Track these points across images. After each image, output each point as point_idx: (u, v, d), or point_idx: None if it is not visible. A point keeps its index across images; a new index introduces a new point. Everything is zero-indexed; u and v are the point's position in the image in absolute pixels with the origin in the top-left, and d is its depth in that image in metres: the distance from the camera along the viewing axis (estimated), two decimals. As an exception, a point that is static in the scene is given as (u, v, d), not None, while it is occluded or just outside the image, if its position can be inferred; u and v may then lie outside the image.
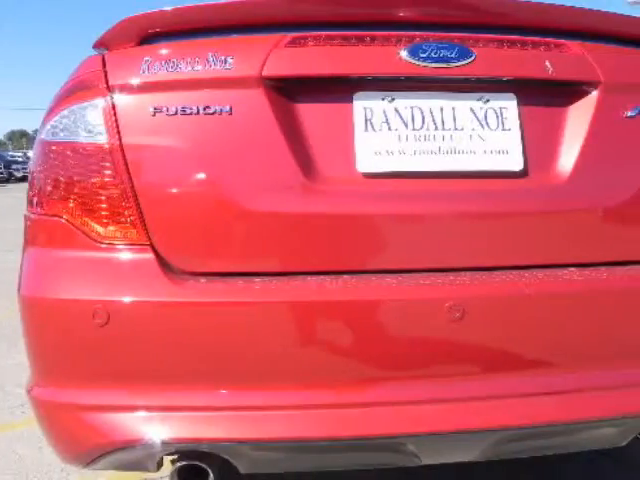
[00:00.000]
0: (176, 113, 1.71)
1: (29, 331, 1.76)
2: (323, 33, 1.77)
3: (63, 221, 1.73)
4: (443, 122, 1.78)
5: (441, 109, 1.79)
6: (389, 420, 1.69)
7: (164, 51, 1.76)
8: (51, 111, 1.79)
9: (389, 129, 1.77)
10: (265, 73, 1.73)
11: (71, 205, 1.73)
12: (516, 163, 1.79)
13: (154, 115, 1.71)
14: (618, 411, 1.78)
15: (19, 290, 1.77)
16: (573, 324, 1.76)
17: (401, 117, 1.78)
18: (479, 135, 1.79)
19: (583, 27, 1.92)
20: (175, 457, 1.74)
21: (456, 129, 1.78)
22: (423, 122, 1.78)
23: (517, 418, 1.73)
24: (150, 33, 1.80)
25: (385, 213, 1.74)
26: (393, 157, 1.75)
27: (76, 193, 1.73)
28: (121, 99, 1.73)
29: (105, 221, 1.72)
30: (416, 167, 1.76)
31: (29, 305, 1.75)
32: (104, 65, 1.77)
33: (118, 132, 1.72)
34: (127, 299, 1.67)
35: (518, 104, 1.82)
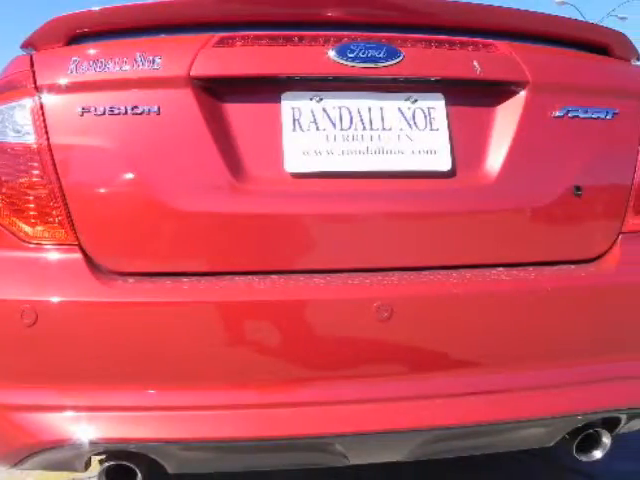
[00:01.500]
0: (104, 113, 1.71)
1: None
2: (251, 33, 1.77)
3: None
4: (371, 122, 1.79)
5: (369, 109, 1.79)
6: (317, 420, 1.69)
7: (92, 51, 1.76)
8: (-21, 111, 1.78)
9: (317, 129, 1.77)
10: (193, 73, 1.73)
11: None
12: (444, 163, 1.79)
13: (82, 115, 1.71)
14: (546, 411, 1.78)
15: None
16: (501, 324, 1.77)
17: (329, 117, 1.78)
18: (407, 135, 1.79)
19: (511, 27, 1.93)
20: (103, 457, 1.73)
21: (384, 129, 1.79)
22: (351, 122, 1.78)
23: (445, 418, 1.73)
24: (78, 33, 1.80)
25: (313, 213, 1.75)
26: (321, 157, 1.76)
27: (4, 193, 1.72)
28: (49, 99, 1.73)
29: (33, 221, 1.71)
30: (344, 167, 1.76)
31: None
32: (32, 65, 1.77)
33: (46, 132, 1.71)
34: (55, 299, 1.66)
35: (446, 104, 1.83)
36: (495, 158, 1.82)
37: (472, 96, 1.86)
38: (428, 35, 1.83)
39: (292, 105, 1.78)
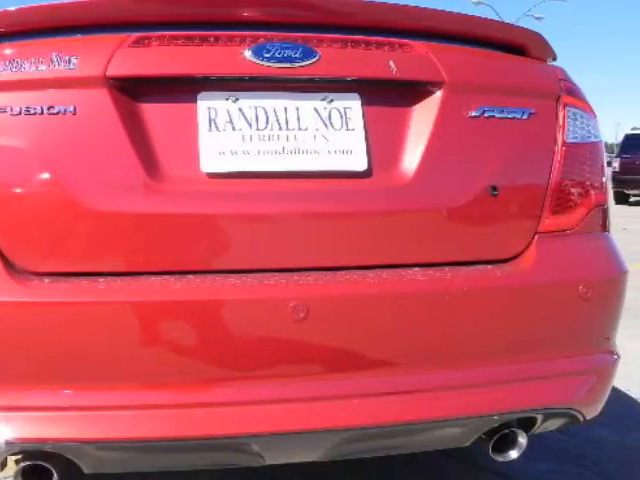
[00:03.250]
0: (20, 113, 1.70)
1: None
2: (167, 33, 1.77)
3: None
4: (287, 122, 1.79)
5: (285, 109, 1.79)
6: (233, 420, 1.69)
7: (8, 51, 1.75)
8: None
9: (233, 129, 1.77)
10: (109, 73, 1.72)
11: None
12: (360, 163, 1.79)
13: None
14: (462, 411, 1.79)
15: None
16: (417, 324, 1.78)
17: (245, 117, 1.78)
18: (323, 135, 1.79)
19: (427, 27, 1.93)
20: (20, 457, 1.73)
21: (300, 129, 1.79)
22: (267, 122, 1.78)
23: (361, 418, 1.74)
24: None
25: (228, 213, 1.75)
26: (237, 157, 1.75)
27: None
28: None
29: None
30: (260, 167, 1.76)
31: None
32: None
33: None
34: None
35: (362, 104, 1.83)
36: (411, 158, 1.82)
37: (388, 96, 1.87)
38: (344, 35, 1.83)
39: (208, 105, 1.77)
